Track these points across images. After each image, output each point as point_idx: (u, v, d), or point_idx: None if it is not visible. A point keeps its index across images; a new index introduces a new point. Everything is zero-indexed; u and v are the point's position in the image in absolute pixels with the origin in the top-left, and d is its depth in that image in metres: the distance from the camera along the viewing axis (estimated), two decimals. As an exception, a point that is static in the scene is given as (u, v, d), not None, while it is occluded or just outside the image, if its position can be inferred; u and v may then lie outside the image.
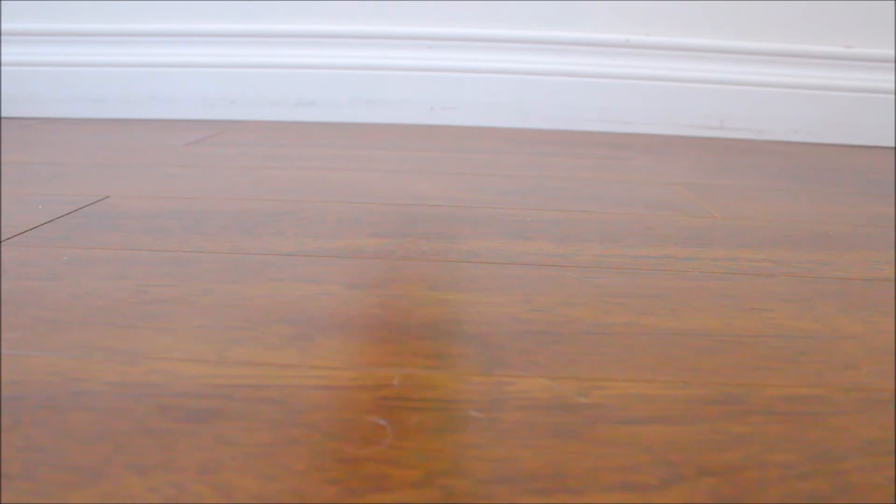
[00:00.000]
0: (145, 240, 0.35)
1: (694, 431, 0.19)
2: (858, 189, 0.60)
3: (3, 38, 0.98)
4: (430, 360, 0.23)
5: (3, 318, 0.25)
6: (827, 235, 0.41)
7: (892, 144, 0.98)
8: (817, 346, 0.25)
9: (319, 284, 0.30)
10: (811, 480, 0.17)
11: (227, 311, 0.26)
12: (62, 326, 0.25)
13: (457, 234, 0.38)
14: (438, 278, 0.31)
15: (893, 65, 0.96)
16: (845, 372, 0.23)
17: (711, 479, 0.17)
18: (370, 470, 0.17)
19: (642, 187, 0.55)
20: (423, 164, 0.62)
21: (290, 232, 0.38)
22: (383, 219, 0.42)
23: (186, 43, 0.98)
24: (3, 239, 0.35)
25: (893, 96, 0.97)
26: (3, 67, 0.98)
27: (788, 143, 0.96)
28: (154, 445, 0.17)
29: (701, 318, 0.27)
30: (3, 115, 0.99)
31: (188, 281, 0.29)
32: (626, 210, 0.46)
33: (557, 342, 0.24)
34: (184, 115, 0.99)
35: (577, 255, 0.35)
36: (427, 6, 0.95)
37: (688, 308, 0.28)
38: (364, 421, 0.19)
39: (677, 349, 0.24)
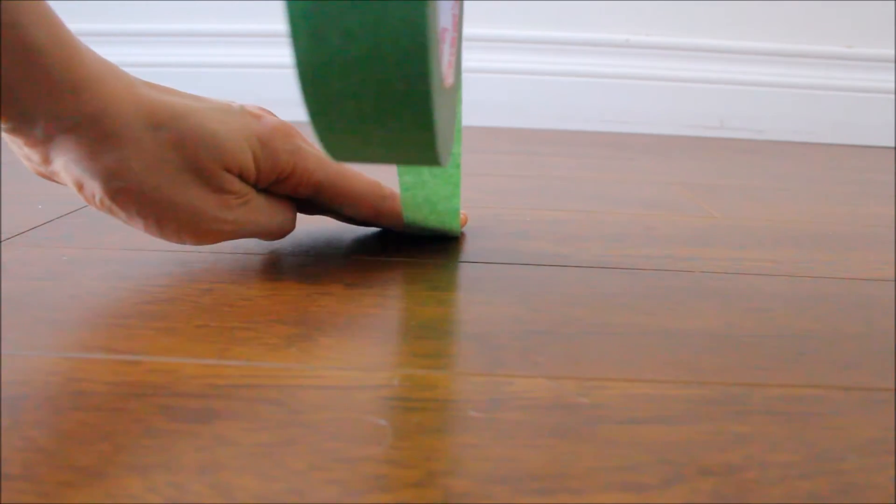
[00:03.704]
0: (145, 240, 0.35)
1: (694, 431, 0.19)
2: (858, 189, 0.60)
3: (3, 38, 0.97)
4: (430, 360, 0.23)
5: (3, 318, 0.25)
6: (827, 235, 0.41)
7: (892, 144, 0.98)
8: (817, 346, 0.25)
9: (319, 284, 0.30)
10: (811, 480, 0.17)
11: (227, 311, 0.26)
12: (62, 326, 0.25)
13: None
14: (438, 278, 0.31)
15: (893, 65, 0.96)
16: (845, 372, 0.23)
17: (711, 479, 0.17)
18: (370, 470, 0.17)
19: (642, 187, 0.55)
20: (423, 164, 0.62)
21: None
22: (383, 219, 0.41)
23: (186, 43, 0.98)
24: (3, 239, 0.35)
25: (893, 96, 0.97)
26: (3, 67, 0.98)
27: (788, 143, 0.96)
28: (154, 445, 0.17)
29: (701, 318, 0.27)
30: (3, 115, 0.99)
31: (188, 281, 0.29)
32: (626, 210, 0.46)
33: (557, 342, 0.24)
34: (184, 115, 0.98)
35: (577, 255, 0.35)
36: (427, 6, 0.95)
37: (688, 308, 0.28)
38: (364, 421, 0.19)
39: (677, 349, 0.24)
